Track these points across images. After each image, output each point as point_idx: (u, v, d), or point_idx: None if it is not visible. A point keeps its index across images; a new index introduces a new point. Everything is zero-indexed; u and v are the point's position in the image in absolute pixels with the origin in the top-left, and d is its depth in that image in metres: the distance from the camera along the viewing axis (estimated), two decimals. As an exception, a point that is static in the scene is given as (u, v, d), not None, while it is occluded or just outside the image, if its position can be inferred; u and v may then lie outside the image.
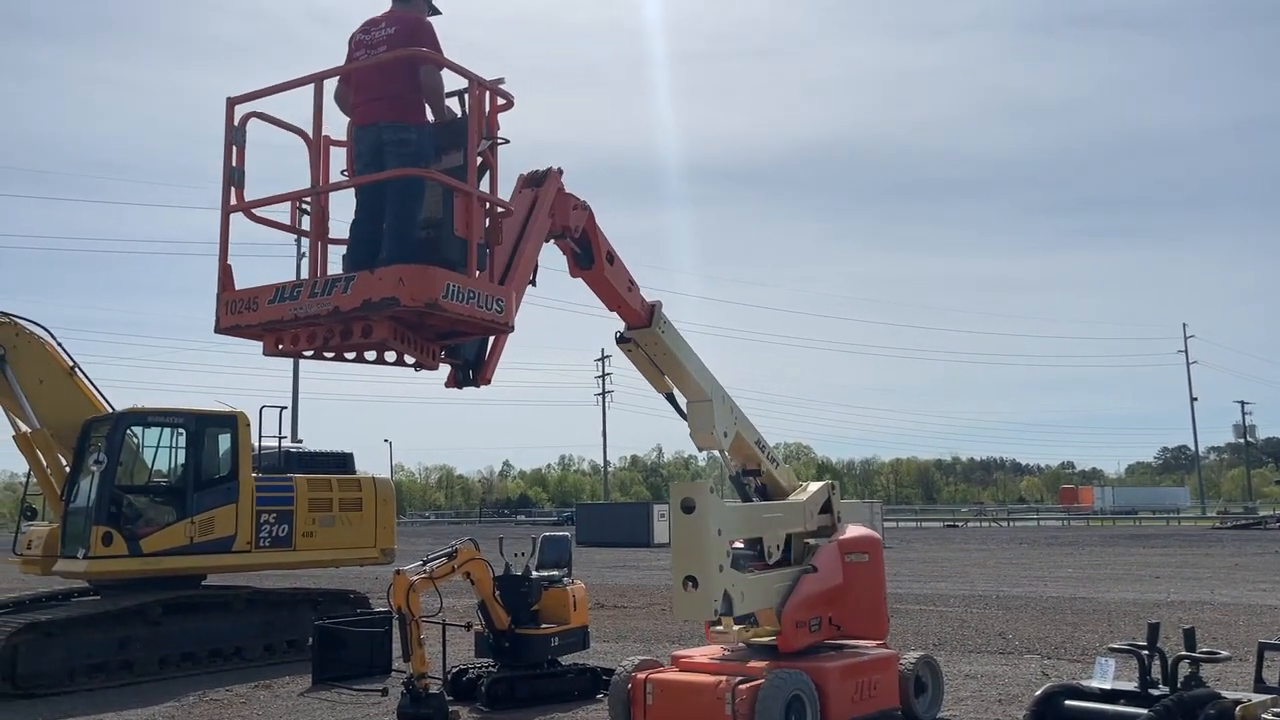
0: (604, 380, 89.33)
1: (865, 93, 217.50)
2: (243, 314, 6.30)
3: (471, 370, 6.82)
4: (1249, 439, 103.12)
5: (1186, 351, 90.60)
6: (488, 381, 6.72)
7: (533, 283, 6.99)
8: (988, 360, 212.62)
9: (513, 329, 6.44)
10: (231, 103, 6.44)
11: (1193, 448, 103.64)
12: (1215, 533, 50.92)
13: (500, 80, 6.54)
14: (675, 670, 8.39)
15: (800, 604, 8.24)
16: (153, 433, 13.38)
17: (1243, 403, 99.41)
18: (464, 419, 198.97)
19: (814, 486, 9.14)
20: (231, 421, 13.36)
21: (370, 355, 6.49)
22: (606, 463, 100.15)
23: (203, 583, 13.47)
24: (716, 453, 8.65)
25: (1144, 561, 29.53)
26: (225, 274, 6.45)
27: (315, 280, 6.08)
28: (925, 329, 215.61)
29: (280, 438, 14.62)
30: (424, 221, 6.41)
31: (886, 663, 8.67)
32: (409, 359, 6.40)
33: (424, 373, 6.63)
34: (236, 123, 6.42)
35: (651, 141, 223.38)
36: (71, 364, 13.64)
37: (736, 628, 8.64)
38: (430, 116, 6.66)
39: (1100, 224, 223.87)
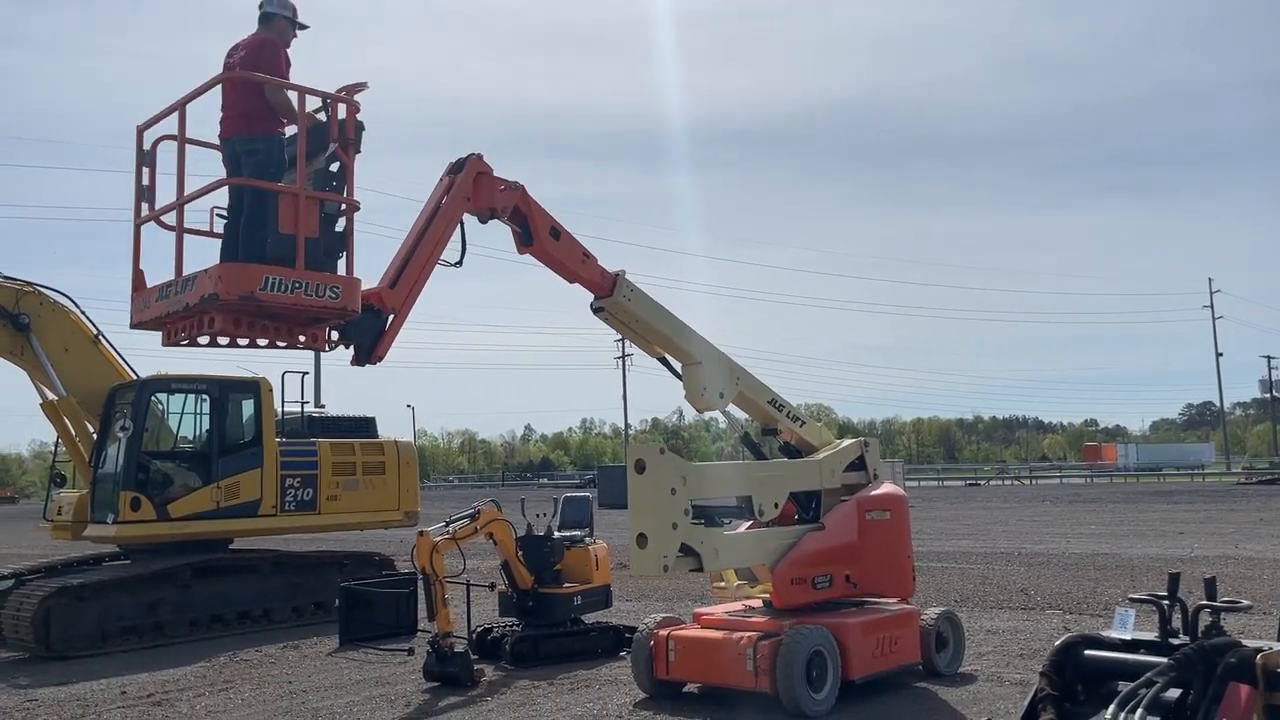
0: (623, 343, 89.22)
1: (882, 51, 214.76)
2: (143, 311, 7.11)
3: (369, 350, 7.17)
4: (1275, 394, 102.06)
5: (1212, 306, 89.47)
6: (380, 359, 7.12)
7: (458, 264, 7.45)
8: (1010, 318, 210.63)
9: (357, 312, 6.81)
10: (141, 129, 7.12)
11: (1218, 403, 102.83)
12: (1240, 488, 50.57)
13: (360, 87, 7.01)
14: (697, 627, 8.45)
15: (797, 561, 8.24)
16: (177, 399, 13.56)
17: (1269, 357, 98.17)
18: (486, 384, 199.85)
19: (844, 444, 9.13)
20: (254, 387, 13.49)
21: (262, 341, 6.93)
22: (628, 425, 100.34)
23: (230, 546, 13.65)
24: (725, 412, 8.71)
25: (1168, 518, 29.42)
26: (138, 277, 7.22)
27: (178, 280, 6.77)
28: (946, 287, 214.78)
29: (303, 403, 14.73)
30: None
31: (908, 618, 8.68)
32: (300, 340, 6.95)
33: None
34: (147, 148, 7.11)
35: (665, 103, 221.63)
36: (95, 332, 13.80)
37: (738, 584, 8.70)
38: (292, 128, 7.08)
39: (1124, 179, 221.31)
